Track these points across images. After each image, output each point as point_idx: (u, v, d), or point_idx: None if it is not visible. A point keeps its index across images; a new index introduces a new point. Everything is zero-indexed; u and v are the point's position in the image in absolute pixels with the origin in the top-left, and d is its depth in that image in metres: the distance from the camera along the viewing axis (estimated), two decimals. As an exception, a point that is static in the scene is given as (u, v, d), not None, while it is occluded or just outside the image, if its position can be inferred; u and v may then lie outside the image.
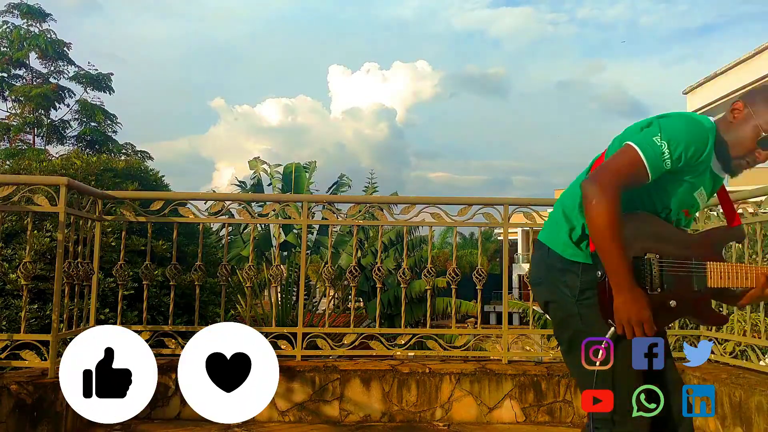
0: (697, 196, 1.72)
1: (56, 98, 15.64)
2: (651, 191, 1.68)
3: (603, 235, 1.57)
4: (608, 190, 1.57)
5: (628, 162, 1.60)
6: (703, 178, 1.69)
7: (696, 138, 1.61)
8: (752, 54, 4.89)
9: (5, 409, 2.85)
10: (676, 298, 1.68)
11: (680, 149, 1.60)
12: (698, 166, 1.65)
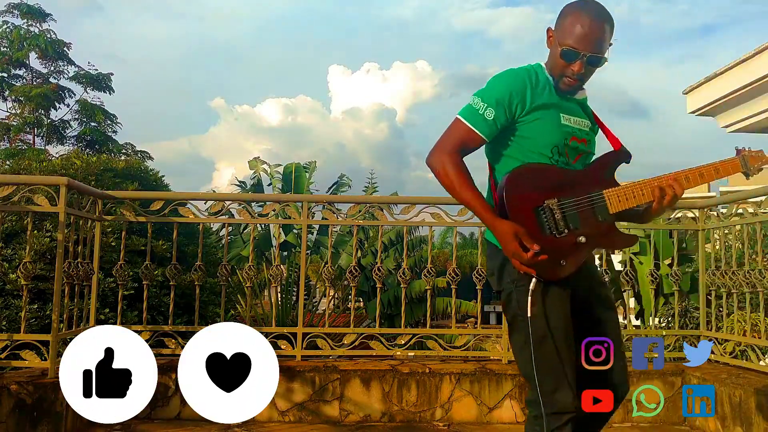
0: (567, 123, 1.81)
1: (56, 98, 15.62)
2: (521, 144, 1.81)
3: (453, 191, 1.76)
4: (441, 154, 1.77)
5: (454, 128, 1.79)
6: (554, 108, 1.80)
7: (508, 81, 1.77)
8: (752, 54, 4.88)
9: (5, 409, 2.85)
10: (584, 233, 1.75)
11: (496, 97, 1.75)
12: (535, 100, 1.77)
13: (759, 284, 3.30)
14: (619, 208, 1.80)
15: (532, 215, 1.74)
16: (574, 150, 1.84)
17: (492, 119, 1.76)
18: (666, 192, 1.80)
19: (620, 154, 1.87)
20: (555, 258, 1.72)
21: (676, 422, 3.44)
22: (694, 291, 6.78)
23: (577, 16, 1.75)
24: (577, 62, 1.75)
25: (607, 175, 1.83)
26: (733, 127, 5.84)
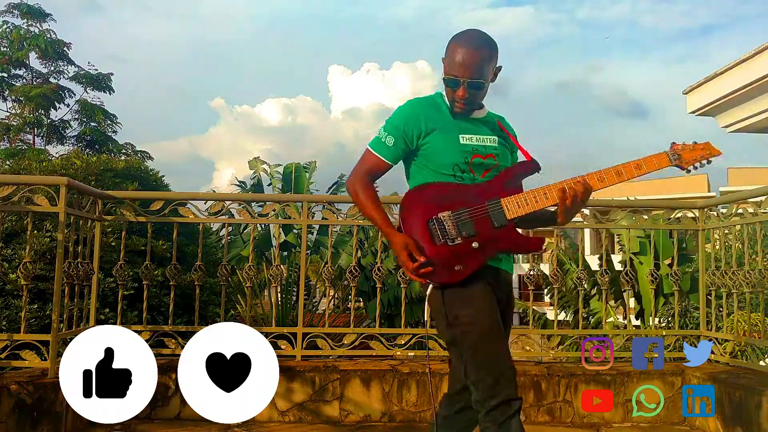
0: (468, 143, 1.97)
1: (56, 98, 15.61)
2: (425, 165, 1.99)
3: (362, 209, 2.03)
4: (353, 180, 2.04)
5: (363, 157, 2.04)
6: (451, 130, 1.96)
7: (405, 111, 1.99)
8: (752, 54, 4.88)
9: (5, 409, 2.85)
10: (477, 239, 1.88)
11: (394, 125, 1.98)
12: (430, 125, 1.96)
13: (759, 284, 3.30)
14: (517, 214, 1.91)
15: (424, 228, 1.90)
16: (480, 166, 1.97)
17: (392, 145, 1.98)
18: (568, 193, 1.89)
19: (527, 165, 2.00)
20: (449, 264, 1.87)
21: (676, 422, 3.44)
22: (694, 291, 6.80)
23: (455, 47, 1.92)
24: (459, 88, 1.92)
25: (511, 185, 1.95)
26: (733, 127, 5.84)
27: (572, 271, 10.16)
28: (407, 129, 1.97)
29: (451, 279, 1.88)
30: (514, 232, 1.94)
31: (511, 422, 1.81)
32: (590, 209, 3.99)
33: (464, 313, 1.86)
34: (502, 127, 2.06)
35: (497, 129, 2.05)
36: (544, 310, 15.42)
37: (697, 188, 30.48)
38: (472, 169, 1.95)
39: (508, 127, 2.11)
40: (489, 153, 1.99)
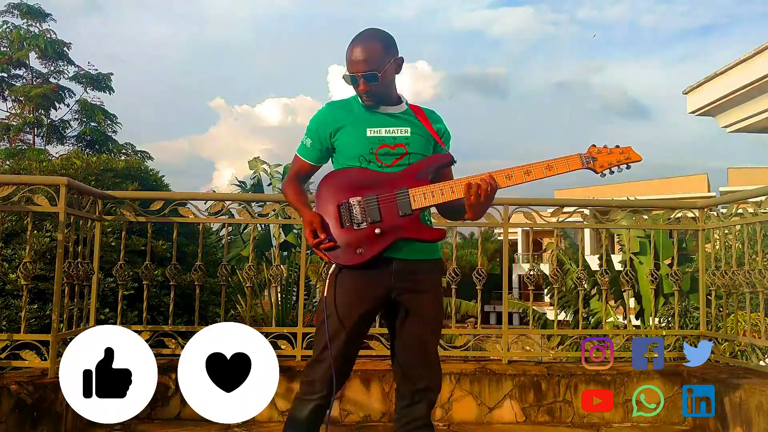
0: (374, 135, 2.06)
1: (56, 98, 15.61)
2: (337, 159, 2.13)
3: (289, 201, 2.25)
4: (284, 183, 2.27)
5: (293, 161, 2.22)
6: (358, 125, 2.07)
7: (316, 115, 2.15)
8: (752, 54, 4.88)
9: (5, 409, 2.85)
10: (381, 226, 1.97)
11: (309, 128, 2.15)
12: (337, 123, 2.09)
13: (759, 284, 3.30)
14: (422, 205, 1.99)
15: (334, 210, 2.02)
16: (387, 155, 2.05)
17: (310, 146, 2.14)
18: (472, 190, 1.95)
19: (440, 158, 2.09)
20: (352, 246, 1.98)
21: (676, 422, 3.44)
22: (694, 291, 6.79)
23: (348, 49, 2.04)
24: (359, 83, 2.02)
25: (422, 176, 2.02)
26: (733, 127, 5.84)
27: (572, 271, 10.16)
28: (319, 130, 2.11)
29: (351, 261, 1.98)
30: (417, 222, 2.00)
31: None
32: (590, 209, 3.99)
33: (332, 295, 2.01)
34: (421, 119, 2.13)
35: (415, 121, 2.12)
36: (544, 310, 15.41)
37: (697, 188, 30.51)
38: (378, 158, 2.04)
39: (433, 119, 2.17)
40: (398, 143, 2.06)
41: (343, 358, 2.02)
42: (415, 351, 2.07)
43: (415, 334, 2.06)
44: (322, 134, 2.11)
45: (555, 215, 4.08)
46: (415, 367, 2.08)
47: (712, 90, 5.54)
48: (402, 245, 2.01)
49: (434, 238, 2.04)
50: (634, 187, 30.18)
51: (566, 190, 35.03)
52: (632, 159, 1.98)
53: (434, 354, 2.12)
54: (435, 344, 2.14)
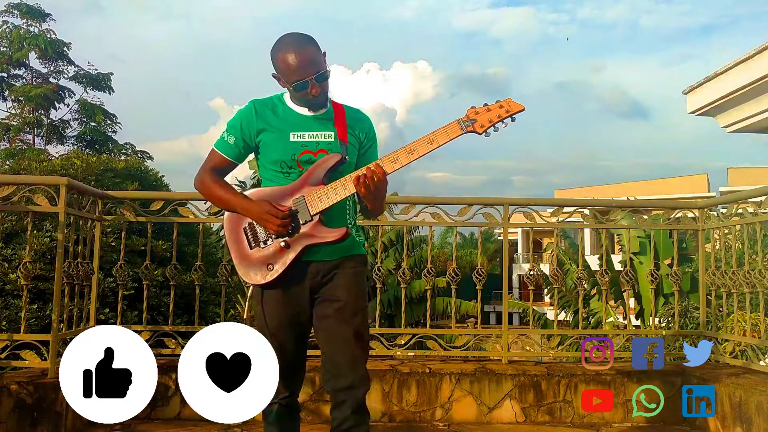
0: (298, 140, 2.02)
1: (56, 98, 15.62)
2: (261, 162, 2.10)
3: (210, 195, 2.13)
4: (199, 175, 2.13)
5: (209, 155, 2.13)
6: (282, 129, 2.03)
7: (241, 111, 2.09)
8: (752, 54, 4.87)
9: (5, 409, 2.85)
10: (285, 239, 1.97)
11: (232, 124, 2.08)
12: (260, 124, 2.04)
13: (759, 284, 3.30)
14: (320, 208, 1.97)
15: (240, 235, 2.04)
16: (308, 163, 2.02)
17: (233, 143, 2.08)
18: (362, 181, 1.92)
19: (330, 158, 2.01)
20: (263, 264, 2.00)
21: (676, 422, 3.44)
22: (694, 291, 6.79)
23: (284, 54, 1.96)
24: (311, 87, 1.96)
25: (315, 180, 1.99)
26: (733, 127, 5.83)
27: (572, 271, 10.16)
28: (244, 127, 2.06)
29: (265, 279, 1.99)
30: (318, 226, 1.99)
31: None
32: (590, 209, 3.99)
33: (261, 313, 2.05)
34: (338, 121, 2.08)
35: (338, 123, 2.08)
36: (544, 310, 15.42)
37: (697, 188, 30.51)
38: (300, 165, 2.02)
39: (354, 119, 2.12)
40: (321, 148, 2.03)
41: (289, 363, 2.06)
42: (334, 345, 2.04)
43: (330, 328, 2.04)
44: (246, 132, 2.06)
45: (555, 215, 4.08)
46: (336, 363, 2.04)
47: (712, 90, 5.54)
48: (317, 249, 2.01)
49: (339, 238, 2.00)
50: (634, 187, 30.20)
51: (566, 190, 35.02)
52: (513, 110, 1.90)
53: (356, 348, 2.04)
54: (355, 338, 2.05)
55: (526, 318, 13.32)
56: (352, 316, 2.04)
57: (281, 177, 2.04)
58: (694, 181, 32.50)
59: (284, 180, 2.04)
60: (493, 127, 1.91)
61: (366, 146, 2.15)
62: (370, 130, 2.17)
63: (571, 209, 4.10)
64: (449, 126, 1.93)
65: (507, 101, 1.91)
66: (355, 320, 2.05)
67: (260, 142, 2.06)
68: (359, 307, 2.08)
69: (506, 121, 1.92)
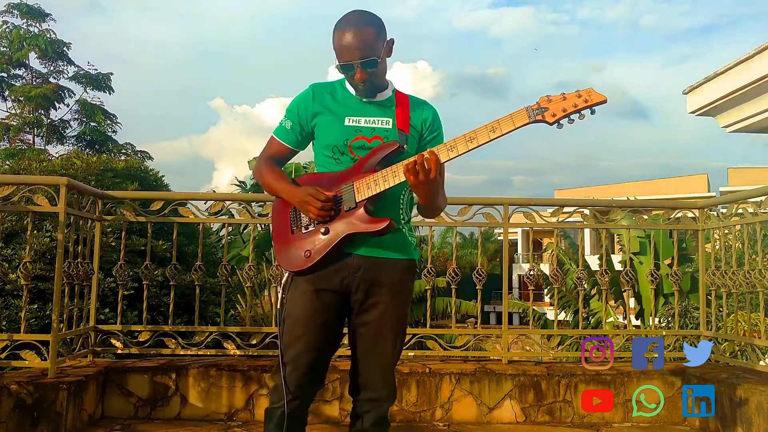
0: (353, 124, 1.94)
1: (56, 98, 15.62)
2: (315, 146, 2.04)
3: (262, 185, 2.07)
4: (257, 166, 2.09)
5: (268, 143, 2.09)
6: (338, 112, 1.96)
7: (298, 96, 2.03)
8: (752, 54, 4.87)
9: (5, 409, 2.86)
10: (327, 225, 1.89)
11: (289, 110, 2.03)
12: (317, 107, 1.98)
13: (759, 284, 3.30)
14: (367, 195, 1.86)
15: (285, 218, 1.97)
16: (361, 149, 1.93)
17: (290, 129, 2.03)
18: (412, 168, 1.77)
19: (386, 146, 1.91)
20: (300, 250, 1.91)
21: (676, 422, 3.44)
22: (694, 291, 6.80)
23: (338, 36, 1.89)
24: (355, 72, 1.88)
25: (369, 168, 1.89)
26: (733, 127, 5.83)
27: (572, 271, 10.16)
28: (300, 112, 2.00)
29: (300, 265, 1.90)
30: (362, 215, 1.87)
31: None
32: (590, 209, 3.99)
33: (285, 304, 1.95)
34: (401, 109, 1.98)
35: (392, 111, 1.98)
36: (544, 310, 15.43)
37: (697, 188, 30.52)
38: (352, 151, 1.93)
39: (414, 108, 2.01)
40: (376, 135, 1.93)
41: (309, 365, 1.95)
42: (369, 356, 1.97)
43: (369, 338, 1.95)
44: (303, 116, 2.00)
45: (555, 215, 4.08)
46: (367, 373, 1.98)
47: (712, 90, 5.54)
48: (361, 241, 1.90)
49: (379, 229, 1.85)
50: (634, 187, 30.20)
51: (566, 190, 35.01)
52: (593, 101, 1.71)
53: (391, 363, 1.99)
54: (393, 351, 1.99)
55: (526, 318, 13.32)
56: (393, 327, 1.96)
57: (332, 163, 1.96)
58: (694, 181, 32.50)
59: (335, 166, 1.95)
60: (567, 118, 1.73)
61: (428, 137, 2.01)
62: (435, 120, 2.03)
63: (571, 209, 4.10)
64: (516, 114, 1.75)
65: (587, 91, 1.73)
66: (396, 332, 1.98)
67: (315, 126, 1.99)
68: (402, 319, 1.99)
69: (584, 113, 1.73)
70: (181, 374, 3.42)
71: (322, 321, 1.94)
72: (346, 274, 1.91)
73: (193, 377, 3.42)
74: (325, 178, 1.94)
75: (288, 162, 2.15)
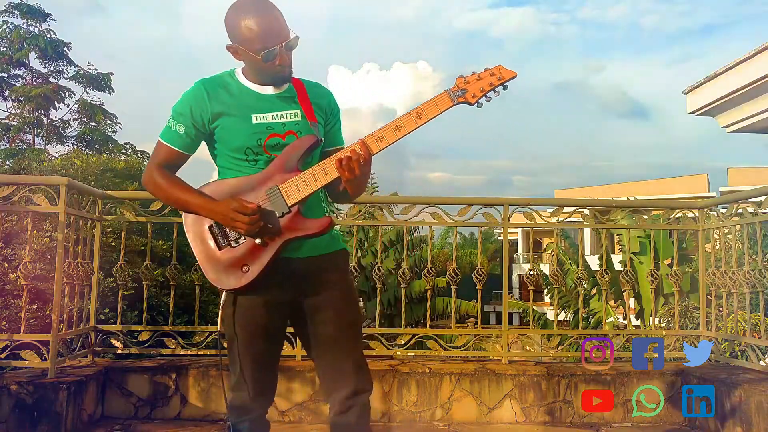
0: (262, 122, 1.80)
1: (56, 98, 15.63)
2: (220, 151, 1.86)
3: (165, 200, 1.89)
4: (147, 173, 1.87)
5: (156, 148, 1.89)
6: (243, 108, 1.81)
7: (188, 95, 1.84)
8: (752, 54, 4.87)
9: (5, 409, 2.86)
10: (260, 235, 1.74)
11: (179, 111, 1.83)
12: (215, 107, 1.81)
13: (759, 284, 3.30)
14: (298, 198, 1.76)
15: (205, 235, 1.80)
16: (277, 147, 1.81)
17: (183, 133, 1.83)
18: (343, 164, 1.72)
19: (303, 142, 1.81)
20: (236, 266, 1.77)
21: (676, 422, 3.44)
22: (694, 291, 6.80)
23: (247, 20, 1.73)
24: (278, 56, 1.75)
25: (290, 166, 1.78)
26: (733, 127, 5.83)
27: (572, 271, 10.17)
28: (194, 114, 1.82)
29: (240, 282, 1.77)
30: (298, 218, 1.77)
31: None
32: (590, 209, 3.99)
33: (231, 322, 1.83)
34: (301, 97, 1.88)
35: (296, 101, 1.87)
36: (544, 310, 15.44)
37: (697, 188, 30.54)
38: (267, 151, 1.80)
39: (317, 95, 1.92)
40: (288, 130, 1.82)
41: (263, 377, 1.90)
42: (335, 354, 1.90)
43: (330, 336, 1.89)
44: (199, 119, 1.81)
45: (555, 215, 4.08)
46: (338, 371, 1.91)
47: (712, 90, 5.54)
48: (297, 244, 1.81)
49: (322, 229, 1.79)
50: (634, 187, 30.21)
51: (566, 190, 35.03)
52: (505, 77, 1.76)
53: (358, 353, 1.94)
54: (355, 343, 1.95)
55: (526, 318, 13.33)
56: (351, 319, 1.93)
57: (246, 165, 1.82)
58: (694, 181, 32.52)
59: (250, 169, 1.81)
60: (484, 97, 1.77)
61: (331, 123, 1.96)
62: (335, 105, 1.97)
63: (571, 209, 4.10)
64: (438, 98, 1.76)
65: (498, 68, 1.77)
66: (355, 324, 1.95)
67: (216, 128, 1.82)
68: (356, 310, 1.98)
69: (498, 90, 1.78)
70: (181, 374, 3.42)
71: (274, 332, 1.90)
72: (291, 281, 1.84)
73: (193, 377, 3.42)
74: (242, 184, 1.79)
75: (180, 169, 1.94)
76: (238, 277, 1.77)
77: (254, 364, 1.86)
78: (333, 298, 1.88)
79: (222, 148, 1.85)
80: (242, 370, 1.85)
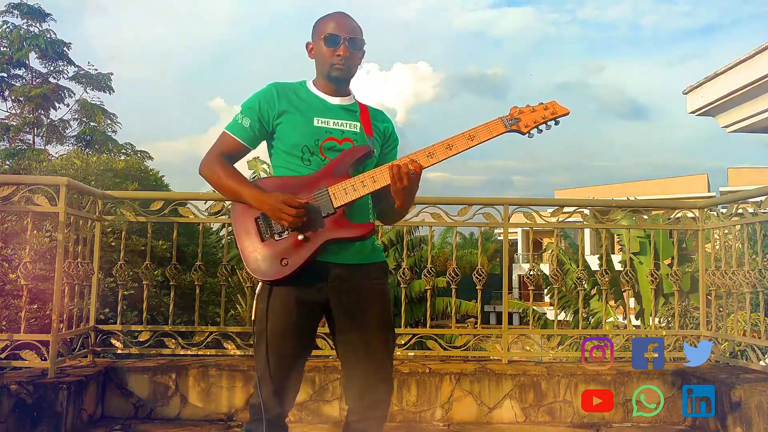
0: (322, 125, 1.91)
1: (56, 98, 15.63)
2: (277, 146, 1.95)
3: (218, 188, 1.94)
4: (206, 160, 1.95)
5: (219, 138, 1.98)
6: (306, 111, 1.92)
7: (259, 92, 1.96)
8: (752, 54, 4.87)
9: (5, 409, 2.86)
10: (303, 231, 1.81)
11: (248, 106, 1.94)
12: (282, 104, 1.92)
13: (759, 284, 3.30)
14: (344, 201, 1.83)
15: (253, 225, 1.86)
16: (332, 150, 1.90)
17: (248, 126, 1.93)
18: (395, 175, 1.79)
19: (356, 150, 1.91)
20: (276, 258, 1.82)
21: (676, 422, 3.44)
22: (694, 291, 6.80)
23: (328, 19, 1.94)
24: (341, 46, 1.90)
25: (341, 172, 1.86)
26: (733, 127, 5.83)
27: (572, 271, 10.17)
28: (262, 108, 1.92)
29: (277, 274, 1.82)
30: (342, 220, 1.84)
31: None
32: (590, 209, 3.99)
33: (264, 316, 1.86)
34: (364, 116, 1.99)
35: (356, 116, 1.99)
36: (544, 310, 15.44)
37: (697, 188, 30.53)
38: (322, 152, 1.89)
39: (379, 120, 2.04)
40: (346, 137, 1.92)
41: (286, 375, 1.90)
42: (364, 362, 1.92)
43: (362, 343, 1.91)
44: (266, 114, 1.92)
45: (555, 215, 4.09)
46: (366, 380, 1.93)
47: (712, 90, 5.54)
48: (337, 248, 1.87)
49: (363, 234, 1.86)
50: (634, 187, 30.21)
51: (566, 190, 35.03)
52: (558, 113, 1.87)
53: (388, 365, 1.97)
54: (386, 354, 1.97)
55: (526, 318, 13.33)
56: (385, 329, 1.95)
57: (300, 165, 1.90)
58: (694, 181, 32.51)
59: (303, 169, 1.89)
60: (536, 129, 1.86)
61: (389, 147, 2.06)
62: (393, 133, 2.08)
63: (571, 209, 4.10)
64: (491, 123, 1.85)
65: (552, 103, 1.87)
66: (388, 334, 1.97)
67: (279, 125, 1.92)
68: (389, 316, 1.99)
69: (550, 124, 1.87)
70: (181, 374, 3.42)
71: (304, 332, 1.92)
72: (326, 284, 1.88)
73: (193, 377, 3.42)
74: (293, 182, 1.87)
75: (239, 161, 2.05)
76: (276, 268, 1.82)
77: (280, 361, 1.87)
78: (368, 307, 1.92)
79: (279, 145, 1.94)
80: (268, 364, 1.86)
